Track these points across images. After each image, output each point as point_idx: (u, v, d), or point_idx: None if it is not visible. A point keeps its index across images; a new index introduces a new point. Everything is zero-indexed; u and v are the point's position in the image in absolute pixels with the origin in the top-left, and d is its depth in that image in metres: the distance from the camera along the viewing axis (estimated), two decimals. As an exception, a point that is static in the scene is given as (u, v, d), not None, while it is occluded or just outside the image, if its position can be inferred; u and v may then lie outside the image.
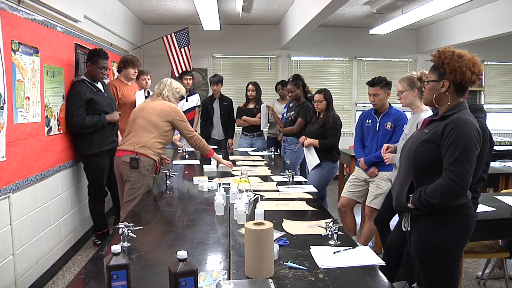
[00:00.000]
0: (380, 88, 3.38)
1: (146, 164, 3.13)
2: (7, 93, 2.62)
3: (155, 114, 3.21)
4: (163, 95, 3.34)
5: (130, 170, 3.09)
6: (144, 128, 3.18)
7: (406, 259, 2.52)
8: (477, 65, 1.85)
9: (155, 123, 3.19)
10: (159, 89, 3.38)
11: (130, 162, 3.08)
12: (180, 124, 3.30)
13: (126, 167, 3.11)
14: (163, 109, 3.24)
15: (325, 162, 3.93)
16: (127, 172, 3.11)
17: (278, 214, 2.39)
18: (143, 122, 3.19)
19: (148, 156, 3.14)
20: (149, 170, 3.16)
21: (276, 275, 1.60)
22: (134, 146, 3.13)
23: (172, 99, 3.38)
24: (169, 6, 5.65)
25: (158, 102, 3.30)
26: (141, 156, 3.11)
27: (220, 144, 5.54)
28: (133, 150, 3.11)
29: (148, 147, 3.15)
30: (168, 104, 3.30)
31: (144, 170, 3.12)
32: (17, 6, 2.78)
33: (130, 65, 4.25)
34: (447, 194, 1.78)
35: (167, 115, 3.23)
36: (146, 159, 3.13)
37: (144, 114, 3.22)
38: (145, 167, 3.12)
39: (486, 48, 6.41)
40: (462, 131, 1.77)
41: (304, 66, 7.34)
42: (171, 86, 3.38)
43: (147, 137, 3.16)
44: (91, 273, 1.63)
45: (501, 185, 4.08)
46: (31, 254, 3.00)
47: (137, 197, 3.02)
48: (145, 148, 3.13)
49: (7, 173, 2.66)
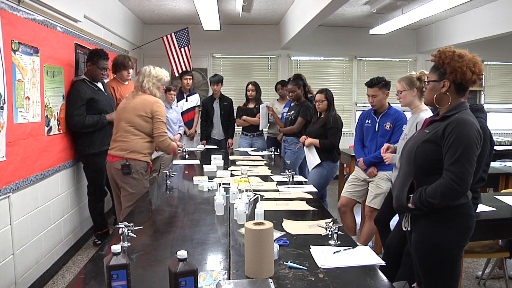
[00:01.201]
0: (378, 89, 3.38)
1: (139, 168, 3.04)
2: (7, 93, 2.62)
3: (136, 115, 3.03)
4: (144, 88, 3.11)
5: (123, 177, 3.01)
6: (128, 131, 3.04)
7: (406, 259, 2.52)
8: (477, 65, 1.84)
9: (138, 125, 3.04)
10: (138, 81, 3.16)
11: (121, 169, 2.99)
12: (156, 123, 3.06)
13: (118, 174, 3.03)
14: (143, 107, 3.04)
15: (325, 161, 3.93)
16: (120, 178, 3.03)
17: (278, 214, 2.39)
18: (127, 125, 3.04)
19: (139, 160, 3.04)
20: (143, 173, 3.08)
21: (276, 275, 1.60)
22: (123, 152, 3.01)
23: (154, 89, 3.14)
24: (169, 6, 5.65)
25: (138, 99, 3.08)
26: (131, 161, 3.01)
27: (220, 144, 5.54)
28: (122, 156, 3.00)
29: (137, 151, 3.04)
30: (148, 99, 3.08)
31: (138, 175, 3.04)
32: (17, 6, 2.78)
33: (122, 68, 4.22)
34: (447, 194, 1.78)
35: (148, 113, 3.04)
36: (138, 163, 3.04)
37: (126, 116, 3.05)
38: (137, 171, 3.03)
39: (486, 48, 6.41)
40: (463, 131, 1.77)
41: (304, 66, 7.33)
42: (150, 75, 3.13)
43: (134, 140, 3.03)
44: (91, 273, 1.63)
45: (501, 185, 4.08)
46: (31, 254, 3.00)
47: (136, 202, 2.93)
48: (134, 153, 3.02)
49: (7, 173, 2.66)
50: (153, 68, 3.16)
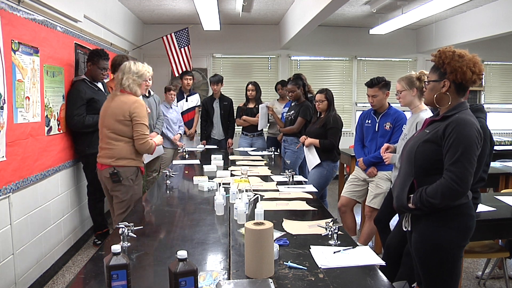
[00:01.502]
0: (378, 89, 3.38)
1: (128, 175, 2.93)
2: (7, 93, 2.62)
3: (116, 121, 2.87)
4: (123, 85, 2.92)
5: (113, 185, 2.92)
6: (111, 137, 2.90)
7: (406, 259, 2.52)
8: (477, 64, 1.85)
9: (119, 130, 2.88)
10: (117, 79, 2.96)
11: (110, 177, 2.89)
12: (135, 125, 2.87)
13: (109, 182, 2.94)
14: (121, 111, 2.85)
15: (325, 161, 3.93)
16: (111, 186, 2.94)
17: (278, 214, 2.39)
18: (108, 132, 2.90)
19: (127, 166, 2.92)
20: (133, 179, 2.96)
21: (276, 275, 1.60)
22: (110, 159, 2.89)
23: (135, 87, 2.94)
24: (169, 6, 5.65)
25: (116, 102, 2.90)
26: (119, 168, 2.88)
27: (220, 144, 5.54)
28: (109, 164, 2.89)
29: (124, 157, 2.90)
30: (126, 101, 2.88)
31: (128, 181, 2.93)
32: (17, 6, 2.78)
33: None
34: (448, 194, 1.78)
35: (127, 116, 2.86)
36: (126, 169, 2.92)
37: (107, 123, 2.90)
38: (127, 178, 2.92)
39: (486, 48, 6.41)
40: (463, 131, 1.77)
41: (304, 66, 7.33)
42: (129, 71, 2.92)
43: (118, 146, 2.89)
44: (91, 273, 1.63)
45: (501, 185, 4.08)
46: (31, 254, 3.00)
47: (129, 208, 2.89)
48: (121, 159, 2.90)
49: (7, 173, 2.65)
50: (133, 64, 2.96)
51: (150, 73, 3.06)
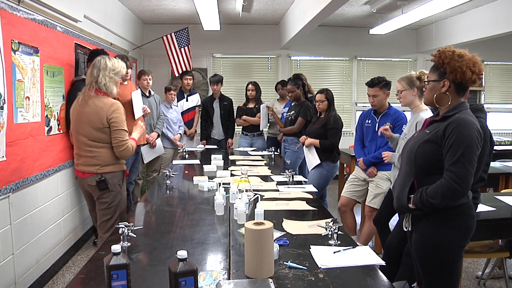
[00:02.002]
0: (379, 89, 3.38)
1: (116, 180, 2.78)
2: (7, 93, 2.62)
3: (94, 129, 2.68)
4: (99, 84, 2.69)
5: (101, 192, 2.75)
6: (91, 145, 2.70)
7: (406, 259, 2.52)
8: (477, 64, 1.84)
9: (99, 138, 2.70)
10: (92, 76, 2.71)
11: (97, 185, 2.71)
12: (113, 131, 2.70)
13: (94, 190, 2.76)
14: (98, 118, 2.66)
15: (325, 162, 3.93)
16: (97, 194, 2.77)
17: (278, 214, 2.39)
18: (86, 140, 2.70)
19: (114, 172, 2.78)
20: (120, 185, 2.83)
21: (276, 275, 1.60)
22: (95, 167, 2.71)
23: (111, 86, 2.74)
24: (169, 6, 5.65)
25: (91, 106, 2.67)
26: (107, 175, 2.73)
27: (220, 144, 5.54)
28: (95, 171, 2.70)
29: (109, 163, 2.75)
30: (102, 105, 2.67)
31: (116, 187, 2.79)
32: (17, 6, 2.78)
33: None
34: (448, 194, 1.78)
35: (105, 123, 2.67)
36: (114, 175, 2.77)
37: (85, 131, 2.69)
38: (115, 184, 2.78)
39: (486, 48, 6.41)
40: (463, 131, 1.77)
41: (304, 66, 7.33)
42: (106, 68, 2.70)
43: (102, 153, 2.72)
44: (91, 273, 1.63)
45: (501, 185, 4.08)
46: (31, 254, 3.00)
47: (115, 214, 2.81)
48: (107, 166, 2.73)
49: (7, 173, 2.65)
50: (108, 60, 2.74)
51: (125, 69, 2.88)
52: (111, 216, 2.81)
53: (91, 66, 2.76)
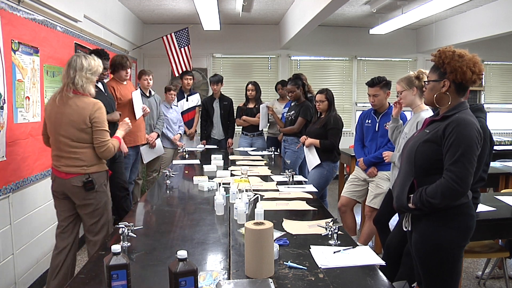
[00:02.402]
0: (379, 88, 3.38)
1: (101, 180, 2.69)
2: (7, 93, 2.62)
3: (77, 129, 2.56)
4: (76, 86, 2.57)
5: (86, 193, 2.61)
6: (74, 146, 2.58)
7: (406, 259, 2.52)
8: (477, 64, 1.85)
9: (83, 139, 2.59)
10: (69, 77, 2.57)
11: (84, 186, 2.59)
12: (95, 132, 2.60)
13: (79, 191, 2.61)
14: (81, 119, 2.55)
15: (325, 162, 3.93)
16: (82, 195, 2.62)
17: (278, 214, 2.39)
18: (68, 141, 2.58)
19: (100, 171, 2.68)
20: (105, 184, 2.74)
21: (276, 275, 1.60)
22: (80, 167, 2.59)
23: (88, 86, 2.62)
24: (169, 5, 5.65)
25: (72, 107, 2.55)
26: (94, 175, 2.62)
27: (220, 143, 5.54)
28: (82, 172, 2.59)
29: (95, 162, 2.65)
30: (84, 105, 2.57)
31: (102, 187, 2.69)
32: (17, 6, 2.78)
33: (120, 68, 4.21)
34: (448, 194, 1.78)
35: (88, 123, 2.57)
36: (100, 174, 2.68)
37: (66, 132, 2.57)
38: (101, 184, 2.68)
39: (486, 48, 6.41)
40: (463, 131, 1.77)
41: (304, 66, 7.33)
42: (82, 69, 2.57)
43: (86, 152, 2.61)
44: (91, 273, 1.63)
45: (501, 185, 4.08)
46: (31, 254, 3.00)
47: (104, 215, 2.71)
48: (92, 166, 2.63)
49: (7, 172, 2.66)
50: (84, 59, 2.60)
51: (102, 67, 2.75)
52: (99, 218, 2.70)
53: (66, 66, 2.61)
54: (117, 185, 3.93)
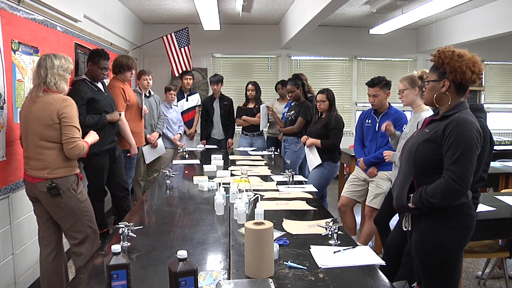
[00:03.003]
0: (379, 88, 3.38)
1: (69, 185, 2.53)
2: (7, 93, 2.62)
3: (44, 126, 2.45)
4: (48, 84, 2.48)
5: (53, 199, 2.49)
6: (41, 146, 2.47)
7: (406, 258, 2.53)
8: (477, 64, 1.85)
9: (50, 137, 2.47)
10: (40, 76, 2.48)
11: (48, 191, 2.47)
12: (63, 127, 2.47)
13: (46, 196, 2.49)
14: (49, 114, 2.45)
15: (326, 162, 3.93)
16: (49, 201, 2.51)
17: (278, 214, 2.39)
18: (36, 139, 2.47)
19: (66, 176, 2.53)
20: (75, 189, 2.57)
21: (276, 275, 1.60)
22: (44, 171, 2.47)
23: (62, 84, 2.53)
24: (169, 5, 5.65)
25: (40, 103, 2.46)
26: (57, 180, 2.48)
27: (220, 143, 5.54)
28: (45, 177, 2.46)
29: (60, 166, 2.50)
30: (52, 101, 2.47)
31: (70, 192, 2.53)
32: (17, 6, 2.78)
33: (126, 69, 4.21)
34: (447, 194, 1.78)
35: (55, 119, 2.45)
36: (66, 179, 2.52)
37: (34, 129, 2.47)
38: (68, 189, 2.53)
39: (486, 48, 6.41)
40: (463, 131, 1.77)
41: (304, 65, 7.33)
42: (53, 67, 2.49)
43: (51, 155, 2.48)
44: (91, 273, 1.63)
45: (501, 184, 4.08)
46: (31, 254, 3.00)
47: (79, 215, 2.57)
48: (57, 170, 2.49)
49: (7, 172, 2.66)
50: (54, 57, 2.52)
51: (73, 64, 2.66)
52: (76, 219, 2.56)
53: (36, 67, 2.52)
54: (117, 185, 3.94)
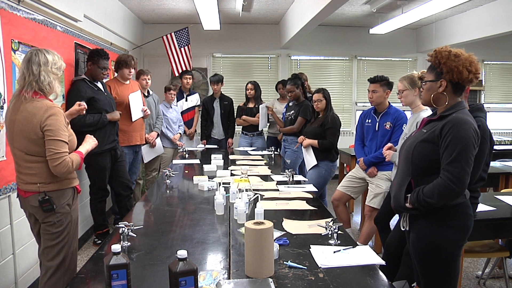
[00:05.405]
0: (379, 85, 3.38)
1: (63, 200, 2.26)
2: (7, 93, 2.62)
3: (29, 141, 2.16)
4: (42, 84, 2.18)
5: (45, 214, 2.22)
6: (28, 160, 2.20)
7: (406, 258, 2.52)
8: (474, 64, 1.85)
9: (36, 152, 2.18)
10: (31, 74, 2.16)
11: (41, 206, 2.20)
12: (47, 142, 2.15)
13: (38, 211, 2.23)
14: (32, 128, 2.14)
15: (323, 161, 3.94)
16: (41, 216, 2.24)
17: (278, 214, 2.39)
18: (22, 154, 2.21)
19: (62, 189, 2.27)
20: (69, 204, 2.30)
21: (276, 275, 1.60)
22: (37, 185, 2.20)
23: (56, 83, 2.26)
24: (169, 5, 5.65)
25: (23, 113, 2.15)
26: (52, 193, 2.22)
27: (220, 143, 5.54)
28: (37, 190, 2.20)
29: (53, 180, 2.23)
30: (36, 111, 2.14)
31: (63, 208, 2.26)
32: (17, 6, 2.79)
33: (124, 66, 4.22)
34: (444, 194, 1.78)
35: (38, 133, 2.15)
36: (62, 192, 2.26)
37: (19, 144, 2.20)
38: (62, 204, 2.25)
39: (486, 47, 6.41)
40: (460, 131, 1.77)
41: (304, 65, 7.33)
42: (47, 63, 2.21)
43: (42, 168, 2.20)
44: (91, 273, 1.63)
45: (501, 184, 4.09)
46: (31, 254, 3.00)
47: (63, 240, 2.27)
48: (51, 183, 2.23)
49: (7, 172, 2.66)
50: (47, 52, 2.25)
51: (64, 64, 2.41)
52: (57, 242, 2.27)
53: (26, 63, 2.19)
54: (120, 184, 3.95)
